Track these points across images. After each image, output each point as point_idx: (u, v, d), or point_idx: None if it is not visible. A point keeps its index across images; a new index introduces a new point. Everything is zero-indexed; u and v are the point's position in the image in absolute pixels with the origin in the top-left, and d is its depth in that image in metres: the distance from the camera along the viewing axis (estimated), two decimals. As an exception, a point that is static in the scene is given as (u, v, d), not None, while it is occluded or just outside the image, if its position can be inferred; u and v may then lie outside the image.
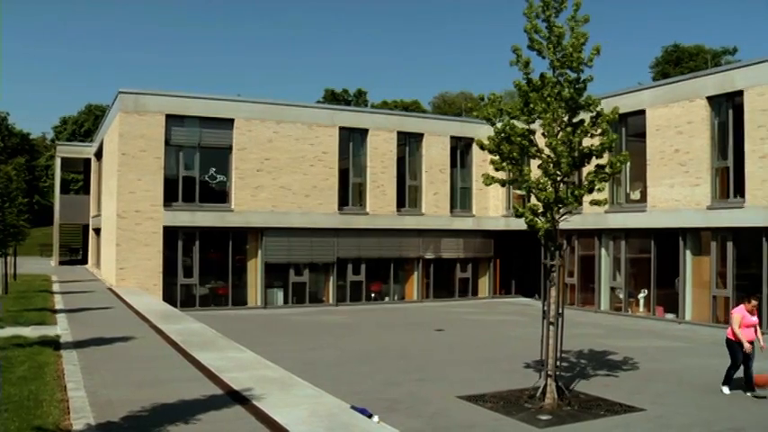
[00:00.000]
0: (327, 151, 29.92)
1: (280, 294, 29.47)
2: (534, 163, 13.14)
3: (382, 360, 17.21)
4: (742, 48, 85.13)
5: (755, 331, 13.86)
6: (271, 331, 22.37)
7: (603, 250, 28.14)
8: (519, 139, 12.88)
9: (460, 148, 33.48)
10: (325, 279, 30.51)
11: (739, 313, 13.77)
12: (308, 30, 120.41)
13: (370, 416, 10.02)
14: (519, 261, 33.67)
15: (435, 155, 32.51)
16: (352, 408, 10.07)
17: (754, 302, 13.91)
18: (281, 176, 29.02)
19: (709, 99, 24.10)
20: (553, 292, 12.89)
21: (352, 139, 30.97)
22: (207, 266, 28.23)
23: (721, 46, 63.00)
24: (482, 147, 13.37)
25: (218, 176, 28.56)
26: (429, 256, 32.41)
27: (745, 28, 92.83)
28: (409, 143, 32.44)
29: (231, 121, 28.38)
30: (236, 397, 10.33)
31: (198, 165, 28.20)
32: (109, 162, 31.79)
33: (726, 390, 13.56)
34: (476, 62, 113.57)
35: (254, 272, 28.94)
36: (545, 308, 13.07)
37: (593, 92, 13.22)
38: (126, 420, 9.04)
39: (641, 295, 26.87)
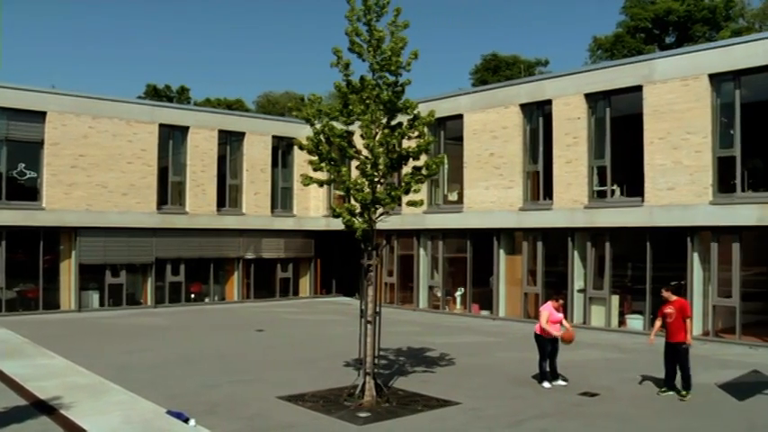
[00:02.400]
0: (146, 149, 29.01)
1: (95, 297, 28.22)
2: (353, 164, 13.33)
3: (202, 362, 16.88)
4: (553, 60, 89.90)
5: (561, 325, 14.72)
6: (84, 335, 21.41)
7: (422, 250, 28.89)
8: (338, 140, 13.03)
9: (282, 148, 33.40)
10: (143, 280, 29.57)
11: (547, 310, 14.56)
12: (130, 21, 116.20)
13: (186, 420, 9.84)
14: (339, 261, 33.97)
15: (257, 154, 32.28)
16: (168, 412, 9.86)
17: (560, 301, 14.80)
18: (98, 174, 27.86)
19: (522, 106, 25.29)
20: (370, 292, 13.10)
21: (173, 137, 30.18)
22: (15, 268, 26.55)
23: (535, 57, 66.16)
24: (301, 147, 13.41)
25: (27, 173, 26.98)
26: (250, 256, 32.14)
27: (557, 42, 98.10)
28: (230, 142, 32.02)
29: (43, 114, 26.85)
30: (42, 407, 9.83)
31: (5, 160, 26.46)
32: None
33: (546, 385, 14.21)
34: (302, 62, 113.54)
35: (68, 273, 27.58)
36: (363, 307, 13.28)
37: (416, 96, 13.58)
38: None
39: (458, 293, 27.80)
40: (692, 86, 20.81)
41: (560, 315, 14.69)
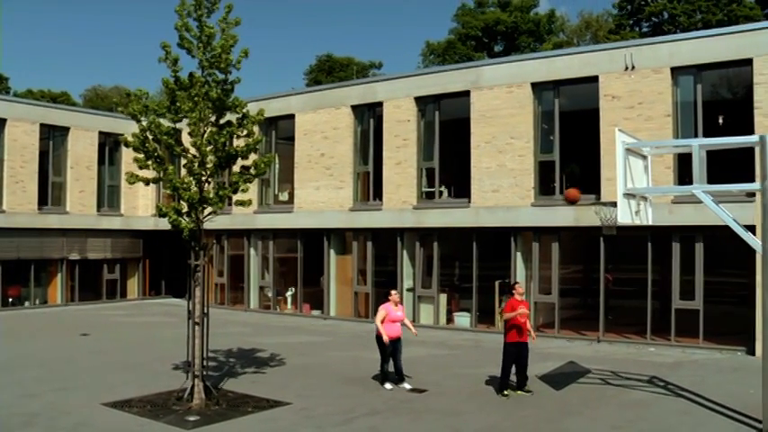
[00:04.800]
0: (-42, 142, 27.25)
1: None
2: (182, 162, 13.11)
3: (19, 370, 16.00)
4: (387, 63, 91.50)
5: (403, 324, 14.60)
6: None
7: (252, 250, 28.65)
8: (165, 137, 12.79)
9: (110, 145, 32.18)
10: (-45, 284, 27.74)
11: (384, 309, 14.34)
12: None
13: (-2, 431, 9.33)
14: (169, 261, 33.14)
15: (82, 150, 30.96)
16: (-22, 424, 9.31)
17: (395, 295, 14.68)
18: None
19: (354, 108, 25.56)
20: (198, 292, 12.92)
21: (-12, 130, 28.50)
22: None
23: (369, 60, 67.12)
24: (126, 144, 13.06)
25: None
26: (74, 256, 30.79)
27: (391, 45, 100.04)
28: (54, 137, 30.51)
29: None
30: None
31: None
32: None
33: (388, 386, 14.15)
34: (134, 55, 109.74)
35: None
36: (190, 308, 13.06)
37: (249, 95, 13.48)
38: None
39: (289, 293, 27.77)
40: (515, 93, 21.75)
41: (400, 314, 14.50)
